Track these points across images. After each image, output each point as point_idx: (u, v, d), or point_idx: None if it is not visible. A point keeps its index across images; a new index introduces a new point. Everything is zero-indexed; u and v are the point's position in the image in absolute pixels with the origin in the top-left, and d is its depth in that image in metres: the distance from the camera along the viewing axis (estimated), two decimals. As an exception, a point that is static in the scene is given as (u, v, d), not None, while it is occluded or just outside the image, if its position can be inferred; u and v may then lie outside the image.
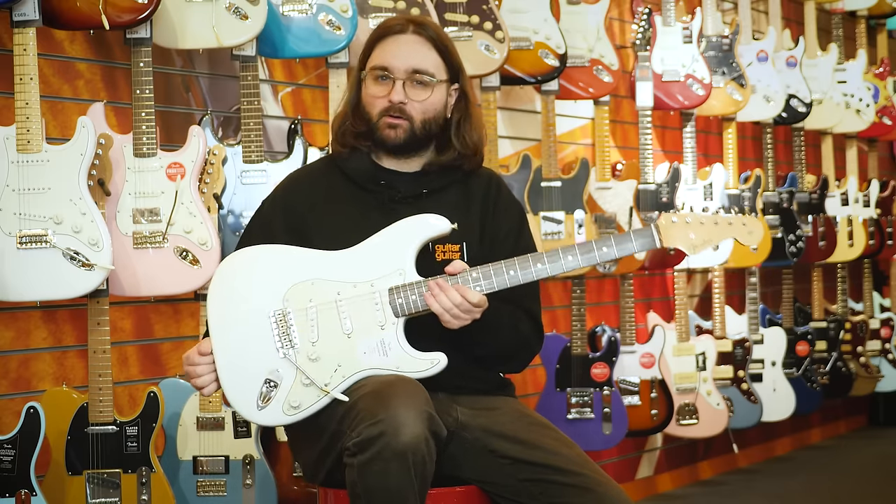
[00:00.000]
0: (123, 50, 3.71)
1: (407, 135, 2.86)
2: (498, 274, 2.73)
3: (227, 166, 3.77)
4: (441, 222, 2.77)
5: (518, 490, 2.75)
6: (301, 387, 2.72)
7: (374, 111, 2.87)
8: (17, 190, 3.39)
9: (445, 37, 2.92)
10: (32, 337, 3.65)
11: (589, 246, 2.75)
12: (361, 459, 2.56)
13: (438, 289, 2.71)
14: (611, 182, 5.13)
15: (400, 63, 2.85)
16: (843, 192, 6.68)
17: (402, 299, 2.73)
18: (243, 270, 2.80)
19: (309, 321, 2.74)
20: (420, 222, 2.78)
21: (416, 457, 2.54)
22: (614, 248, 2.74)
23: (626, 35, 5.67)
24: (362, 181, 2.90)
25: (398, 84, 2.85)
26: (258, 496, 3.72)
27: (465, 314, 2.72)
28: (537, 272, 2.74)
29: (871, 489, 5.92)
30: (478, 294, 2.71)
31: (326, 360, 2.73)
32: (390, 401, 2.57)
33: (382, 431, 2.54)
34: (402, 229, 2.78)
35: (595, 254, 2.75)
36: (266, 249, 2.81)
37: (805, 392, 6.26)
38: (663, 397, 5.24)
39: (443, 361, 2.72)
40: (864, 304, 7.15)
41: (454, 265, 2.74)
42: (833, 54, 6.67)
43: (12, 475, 3.34)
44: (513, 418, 2.82)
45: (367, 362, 2.72)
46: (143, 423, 3.54)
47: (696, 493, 5.88)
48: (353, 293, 2.75)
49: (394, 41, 2.88)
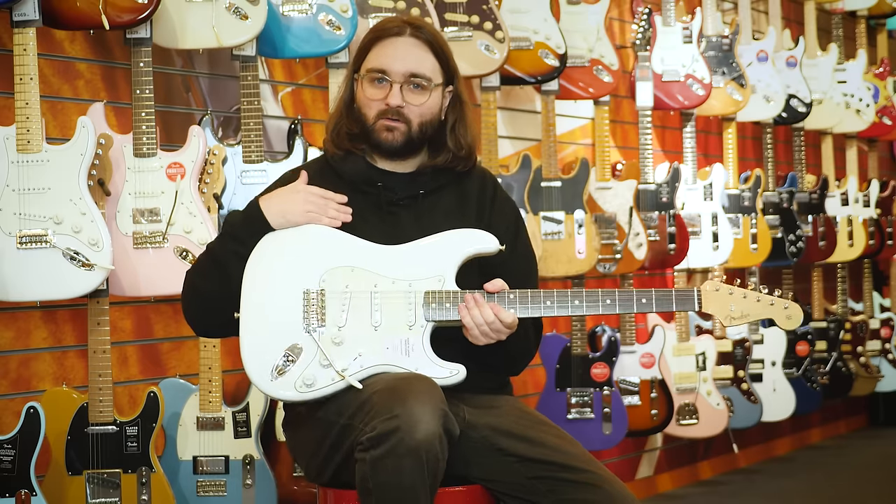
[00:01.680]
0: (123, 50, 3.71)
1: (404, 138, 2.86)
2: (535, 302, 2.75)
3: (227, 166, 3.77)
4: (491, 241, 2.80)
5: (526, 488, 2.75)
6: (318, 366, 2.73)
7: (370, 113, 2.87)
8: (17, 190, 3.39)
9: (442, 39, 2.92)
10: (32, 337, 3.65)
11: (629, 295, 2.77)
12: (375, 454, 2.56)
13: (474, 303, 2.73)
14: (611, 182, 5.13)
15: (398, 66, 2.85)
16: (843, 192, 6.68)
17: (436, 305, 2.75)
18: (292, 241, 2.81)
19: (341, 305, 2.76)
20: (472, 236, 2.81)
21: (430, 454, 2.55)
22: (653, 303, 2.77)
23: (626, 35, 5.67)
24: (358, 183, 2.90)
25: (396, 88, 2.85)
26: (258, 496, 3.72)
27: (494, 333, 2.74)
28: (573, 308, 2.77)
29: (871, 489, 5.91)
30: (511, 315, 2.74)
31: (349, 347, 2.74)
32: (407, 397, 2.58)
33: (398, 427, 2.54)
34: (453, 239, 2.81)
35: (633, 304, 2.77)
36: (319, 228, 2.82)
37: (805, 392, 6.26)
38: (663, 397, 5.24)
39: (462, 373, 2.74)
40: (864, 304, 7.15)
41: (494, 283, 2.76)
42: (833, 54, 6.67)
43: (12, 475, 3.34)
44: (516, 416, 2.83)
45: (388, 358, 2.74)
46: (143, 423, 3.54)
47: (696, 493, 5.88)
48: (390, 288, 2.77)
49: (391, 44, 2.88)
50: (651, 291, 2.76)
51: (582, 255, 4.79)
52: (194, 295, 2.87)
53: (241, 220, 2.86)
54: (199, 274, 2.88)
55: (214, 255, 2.86)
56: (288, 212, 2.83)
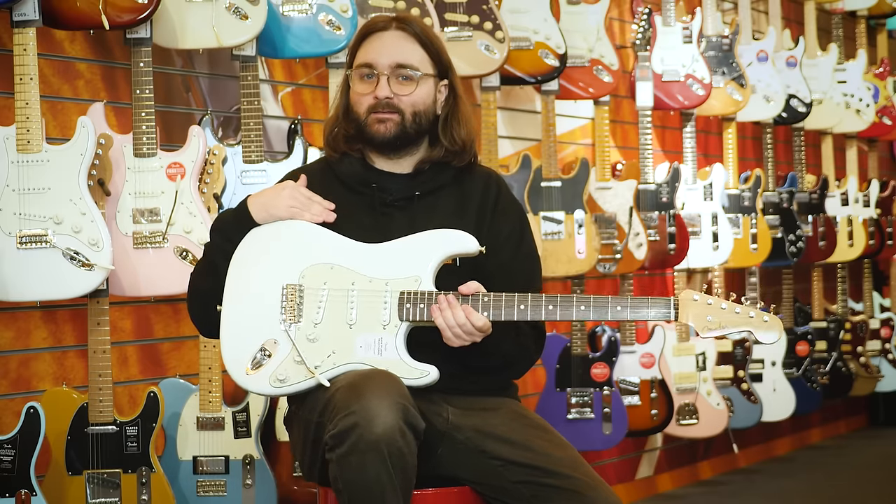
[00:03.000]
0: (123, 50, 3.71)
1: (397, 129, 2.85)
2: (509, 305, 2.74)
3: (227, 166, 3.77)
4: (470, 242, 2.78)
5: (510, 492, 2.74)
6: (292, 362, 2.74)
7: (361, 109, 2.87)
8: (17, 190, 3.39)
9: (431, 32, 2.92)
10: (32, 337, 3.65)
11: (604, 302, 2.75)
12: (339, 453, 2.57)
13: (447, 304, 2.72)
14: (611, 182, 5.13)
15: (383, 59, 2.85)
16: (843, 192, 6.68)
17: (411, 305, 2.74)
18: (275, 237, 2.82)
19: (318, 302, 2.76)
20: (450, 236, 2.80)
21: (392, 448, 2.55)
22: (628, 311, 2.74)
23: (626, 35, 5.67)
24: (353, 184, 2.90)
25: (383, 80, 2.84)
26: (258, 496, 3.72)
27: (467, 335, 2.73)
28: (547, 313, 2.75)
29: (871, 489, 5.91)
30: (483, 319, 2.72)
31: (323, 344, 2.74)
32: (363, 392, 2.58)
33: (356, 423, 2.55)
34: (431, 238, 2.79)
35: (608, 311, 2.75)
36: (301, 223, 2.82)
37: (805, 392, 6.26)
38: (663, 397, 5.24)
39: (433, 374, 2.73)
40: (864, 304, 7.15)
41: (468, 285, 2.75)
42: (833, 54, 6.67)
43: (12, 475, 3.34)
44: (507, 419, 2.82)
45: (361, 356, 2.74)
46: (143, 423, 3.54)
47: (696, 493, 5.88)
48: (366, 287, 2.76)
49: (377, 38, 2.88)
50: (627, 299, 2.75)
51: (582, 255, 4.79)
52: (194, 294, 2.89)
53: (228, 217, 2.88)
54: (198, 273, 2.90)
55: (206, 254, 2.90)
56: (271, 206, 2.84)
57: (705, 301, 2.74)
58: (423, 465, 2.67)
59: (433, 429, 2.74)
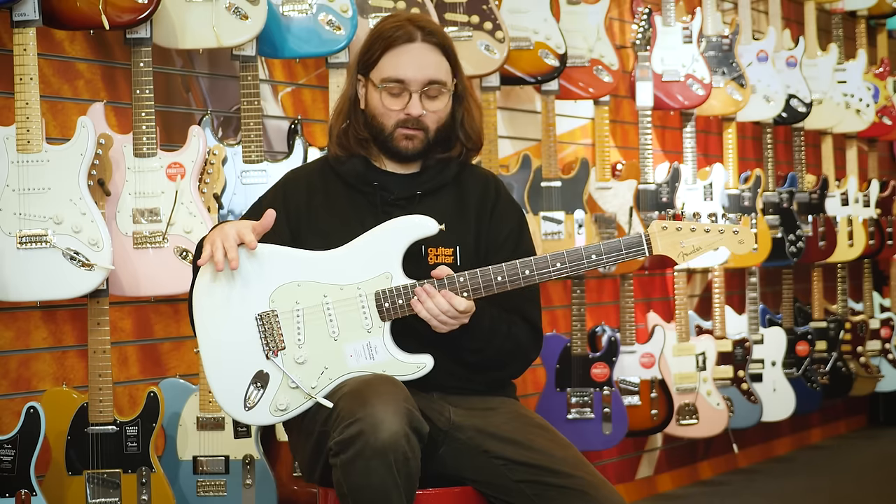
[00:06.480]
0: (123, 50, 3.71)
1: (423, 145, 2.86)
2: (485, 278, 2.72)
3: (227, 166, 3.77)
4: (428, 223, 2.75)
5: (513, 491, 2.74)
6: (288, 389, 2.72)
7: (388, 122, 2.85)
8: (17, 190, 3.39)
9: (449, 39, 2.91)
10: (32, 337, 3.65)
11: (578, 253, 2.73)
12: (343, 459, 2.57)
13: (426, 294, 2.71)
14: (611, 182, 5.13)
15: (418, 75, 2.83)
16: (843, 192, 6.68)
17: (389, 303, 2.73)
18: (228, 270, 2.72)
19: (295, 324, 2.73)
20: (405, 223, 2.76)
21: (397, 454, 2.55)
22: (603, 256, 2.72)
23: (626, 35, 5.67)
24: (355, 183, 2.89)
25: (415, 97, 2.83)
26: (258, 496, 3.72)
27: (453, 320, 2.72)
28: (525, 279, 2.73)
29: (871, 489, 5.91)
30: (465, 301, 2.71)
31: (313, 363, 2.72)
32: (368, 399, 2.58)
33: (361, 430, 2.54)
34: (388, 231, 2.76)
35: (584, 262, 2.73)
36: (253, 249, 2.73)
37: (805, 392, 6.26)
38: (663, 397, 5.24)
39: (429, 364, 2.73)
40: (864, 304, 7.15)
41: (439, 270, 2.74)
42: (833, 54, 6.67)
43: (12, 475, 3.34)
44: (508, 419, 2.82)
45: (354, 365, 2.72)
46: (143, 423, 3.54)
47: (696, 493, 5.88)
48: (339, 296, 2.74)
49: (406, 52, 2.84)
50: (600, 245, 2.71)
51: (582, 255, 4.78)
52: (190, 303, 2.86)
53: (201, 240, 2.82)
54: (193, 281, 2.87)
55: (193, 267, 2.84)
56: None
57: (674, 227, 2.72)
58: (426, 464, 2.67)
59: (435, 428, 2.74)
